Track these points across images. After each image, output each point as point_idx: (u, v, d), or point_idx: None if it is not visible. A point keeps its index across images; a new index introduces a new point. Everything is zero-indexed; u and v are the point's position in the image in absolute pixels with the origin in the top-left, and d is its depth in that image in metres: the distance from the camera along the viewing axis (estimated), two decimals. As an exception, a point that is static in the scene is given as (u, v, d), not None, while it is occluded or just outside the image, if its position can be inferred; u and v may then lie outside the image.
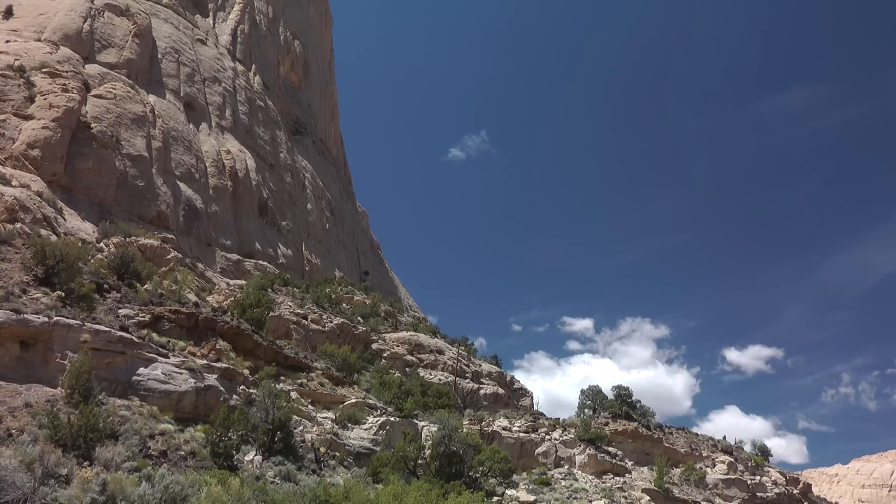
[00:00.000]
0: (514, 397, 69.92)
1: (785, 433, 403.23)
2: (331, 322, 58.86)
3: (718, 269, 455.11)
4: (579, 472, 45.65)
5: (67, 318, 28.10)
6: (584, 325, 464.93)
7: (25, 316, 26.80)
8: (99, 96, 59.97)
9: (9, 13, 63.03)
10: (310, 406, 39.18)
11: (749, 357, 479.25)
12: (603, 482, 44.23)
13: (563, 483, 42.93)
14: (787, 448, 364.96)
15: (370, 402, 43.41)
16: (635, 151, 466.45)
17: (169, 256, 49.81)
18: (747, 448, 60.29)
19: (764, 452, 59.94)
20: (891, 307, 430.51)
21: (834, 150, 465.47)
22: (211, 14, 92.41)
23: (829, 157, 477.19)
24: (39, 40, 61.35)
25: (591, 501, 40.43)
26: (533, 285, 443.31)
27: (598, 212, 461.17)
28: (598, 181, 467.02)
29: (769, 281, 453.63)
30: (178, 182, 64.59)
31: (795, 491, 54.93)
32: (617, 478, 45.29)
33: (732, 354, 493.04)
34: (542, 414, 56.56)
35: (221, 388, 31.74)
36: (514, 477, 41.77)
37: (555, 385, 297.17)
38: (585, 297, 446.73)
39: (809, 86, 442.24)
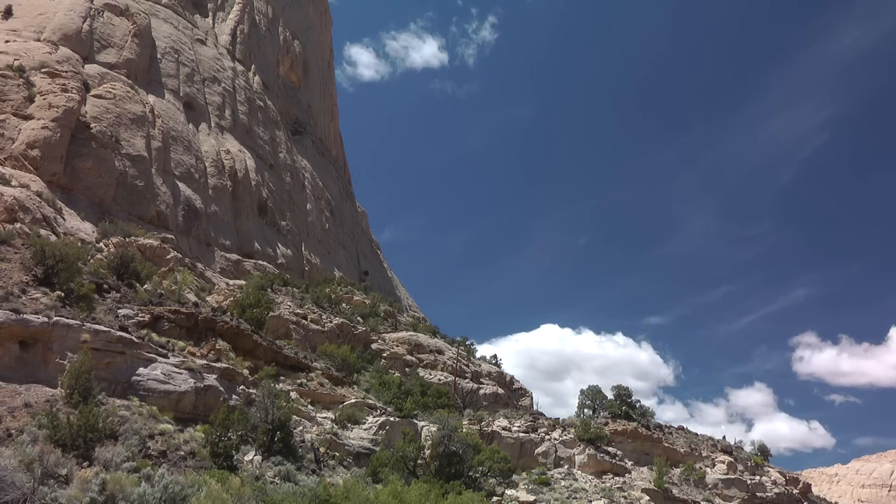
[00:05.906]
0: (513, 397, 69.92)
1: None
2: (330, 322, 58.83)
3: (580, 154, 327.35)
4: (579, 472, 45.65)
5: (67, 318, 28.09)
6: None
7: (25, 316, 26.80)
8: (98, 96, 59.93)
9: (8, 13, 62.95)
10: (309, 406, 39.18)
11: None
12: (603, 482, 44.24)
13: (562, 483, 42.94)
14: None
15: (370, 402, 43.41)
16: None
17: (168, 256, 49.79)
18: (747, 448, 60.40)
19: (764, 452, 60.02)
20: (824, 210, 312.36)
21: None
22: (210, 14, 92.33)
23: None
24: (39, 40, 61.29)
25: (590, 501, 40.45)
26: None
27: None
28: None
29: (650, 168, 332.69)
30: (178, 182, 64.55)
31: (795, 491, 54.95)
32: (617, 478, 45.30)
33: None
34: (541, 414, 56.60)
35: (221, 388, 31.74)
36: (514, 477, 41.80)
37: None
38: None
39: None
